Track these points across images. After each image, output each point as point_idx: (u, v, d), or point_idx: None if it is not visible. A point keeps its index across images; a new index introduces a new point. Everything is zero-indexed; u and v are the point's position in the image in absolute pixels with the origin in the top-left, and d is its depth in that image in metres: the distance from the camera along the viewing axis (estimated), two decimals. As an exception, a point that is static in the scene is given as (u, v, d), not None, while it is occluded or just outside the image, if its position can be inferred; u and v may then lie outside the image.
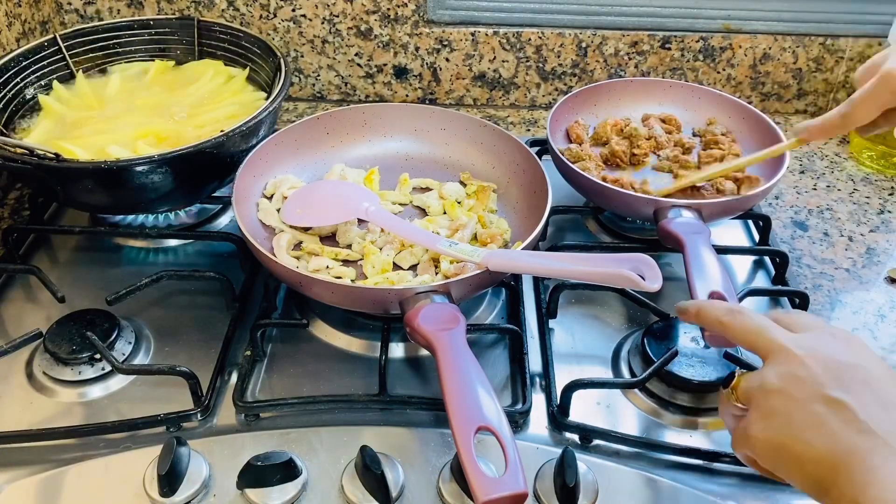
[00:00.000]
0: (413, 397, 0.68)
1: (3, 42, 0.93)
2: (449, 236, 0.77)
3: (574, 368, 0.72)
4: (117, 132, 0.84)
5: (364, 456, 0.58)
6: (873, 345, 0.77)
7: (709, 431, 0.67)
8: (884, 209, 0.96)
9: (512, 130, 1.09)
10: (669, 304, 0.78)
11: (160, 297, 0.78)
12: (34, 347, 0.71)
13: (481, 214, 0.81)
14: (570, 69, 1.11)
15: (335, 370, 0.71)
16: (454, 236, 0.77)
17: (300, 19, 1.07)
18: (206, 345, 0.73)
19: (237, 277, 0.78)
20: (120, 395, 0.69)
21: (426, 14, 1.06)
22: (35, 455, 0.63)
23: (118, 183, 0.74)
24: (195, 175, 0.79)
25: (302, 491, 0.59)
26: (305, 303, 0.78)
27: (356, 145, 0.91)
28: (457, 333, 0.61)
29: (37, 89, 0.91)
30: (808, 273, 0.86)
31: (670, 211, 0.77)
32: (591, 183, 0.82)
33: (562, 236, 0.89)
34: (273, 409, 0.67)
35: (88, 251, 0.86)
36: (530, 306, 0.78)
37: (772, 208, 0.95)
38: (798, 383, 0.48)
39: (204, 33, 0.97)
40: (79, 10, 1.08)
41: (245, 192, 0.79)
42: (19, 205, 0.93)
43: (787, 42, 1.07)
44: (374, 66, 1.11)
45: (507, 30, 1.07)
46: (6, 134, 0.85)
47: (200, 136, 0.82)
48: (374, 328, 0.74)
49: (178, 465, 0.58)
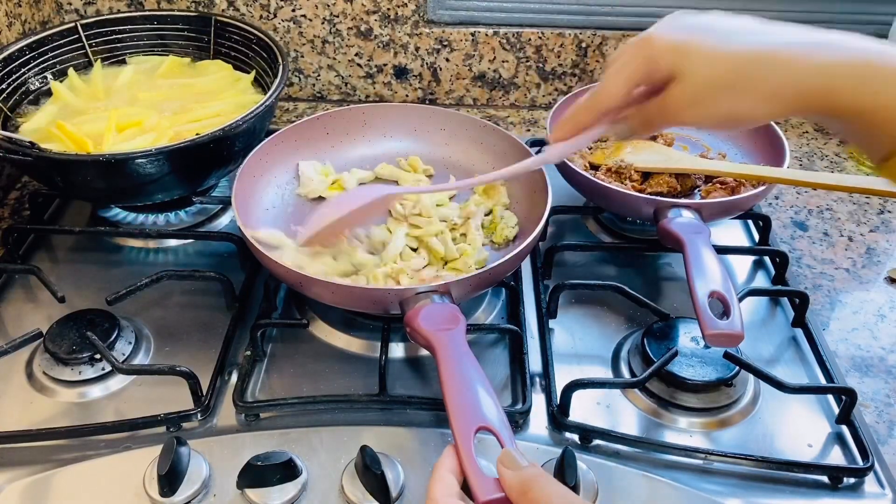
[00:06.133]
0: (413, 397, 0.68)
1: (3, 42, 0.93)
2: (458, 226, 0.79)
3: (574, 368, 0.72)
4: (103, 122, 0.85)
5: (364, 456, 0.58)
6: (873, 344, 0.77)
7: (709, 431, 0.67)
8: (884, 209, 0.96)
9: (512, 130, 1.09)
10: (669, 304, 0.78)
11: (160, 297, 0.78)
12: (34, 347, 0.71)
13: (494, 208, 0.82)
14: (570, 69, 1.11)
15: (335, 370, 0.71)
16: (465, 225, 0.79)
17: (300, 19, 1.07)
18: (206, 345, 0.73)
19: (237, 277, 0.78)
20: (120, 395, 0.69)
21: (426, 14, 1.06)
22: (35, 455, 0.63)
23: (116, 174, 0.76)
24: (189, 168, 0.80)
25: (302, 491, 0.59)
26: (305, 303, 0.78)
27: (356, 145, 0.91)
28: (457, 333, 0.61)
29: (54, 75, 0.93)
30: (808, 273, 0.86)
31: (670, 211, 0.77)
32: (591, 183, 0.82)
33: (562, 236, 0.89)
34: (273, 409, 0.67)
35: (88, 251, 0.86)
36: (530, 306, 0.78)
37: (772, 208, 0.95)
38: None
39: (220, 32, 0.97)
40: (79, 10, 1.08)
41: (245, 192, 0.79)
42: (19, 205, 0.93)
43: (787, 42, 1.07)
44: (374, 66, 1.11)
45: (507, 30, 1.07)
46: (11, 118, 0.87)
47: (181, 132, 0.83)
48: (374, 328, 0.74)
49: (178, 465, 0.58)
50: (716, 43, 0.53)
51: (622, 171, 0.86)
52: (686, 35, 0.54)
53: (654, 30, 0.55)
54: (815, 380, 0.72)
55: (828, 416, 0.68)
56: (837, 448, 0.66)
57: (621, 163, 0.86)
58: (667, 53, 0.54)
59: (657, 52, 0.54)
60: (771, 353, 0.75)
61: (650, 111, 0.57)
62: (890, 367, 0.74)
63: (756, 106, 0.53)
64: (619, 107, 0.58)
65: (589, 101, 0.58)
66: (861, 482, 0.63)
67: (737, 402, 0.68)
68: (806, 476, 0.63)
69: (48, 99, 0.91)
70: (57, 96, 0.91)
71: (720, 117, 0.54)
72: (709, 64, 0.53)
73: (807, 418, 0.68)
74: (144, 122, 0.85)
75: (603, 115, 0.58)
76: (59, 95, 0.90)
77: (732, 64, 0.52)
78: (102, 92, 0.92)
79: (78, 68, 0.95)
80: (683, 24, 0.55)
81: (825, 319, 0.80)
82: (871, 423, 0.69)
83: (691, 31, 0.54)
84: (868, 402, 0.71)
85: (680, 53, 0.53)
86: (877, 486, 0.63)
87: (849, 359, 0.75)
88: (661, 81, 0.55)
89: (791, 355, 0.75)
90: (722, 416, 0.68)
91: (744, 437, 0.66)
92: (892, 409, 0.70)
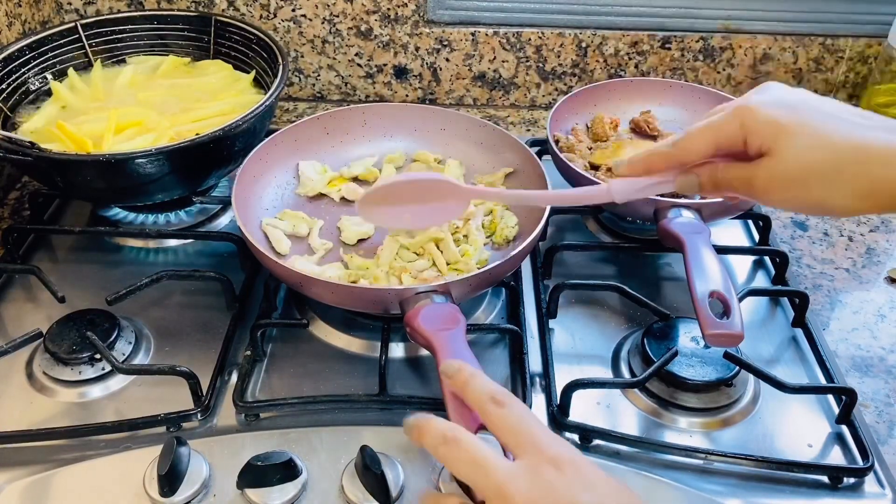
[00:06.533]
0: (413, 397, 0.68)
1: (3, 42, 0.93)
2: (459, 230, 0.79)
3: (574, 368, 0.72)
4: (103, 122, 0.85)
5: (364, 456, 0.58)
6: (873, 344, 0.77)
7: (709, 431, 0.67)
8: (884, 209, 0.96)
9: (512, 130, 1.09)
10: (670, 304, 0.78)
11: (160, 297, 0.78)
12: (34, 347, 0.71)
13: (494, 208, 0.82)
14: (570, 69, 1.11)
15: (335, 370, 0.71)
16: (465, 226, 0.79)
17: (300, 19, 1.07)
18: (206, 345, 0.73)
19: (237, 277, 0.78)
20: (120, 395, 0.69)
21: (426, 14, 1.06)
22: (35, 455, 0.63)
23: (116, 174, 0.76)
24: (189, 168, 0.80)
25: (302, 491, 0.59)
26: (305, 303, 0.78)
27: (356, 145, 0.91)
28: (457, 333, 0.61)
29: (54, 75, 0.93)
30: (808, 273, 0.86)
31: (670, 211, 0.77)
32: (591, 183, 0.82)
33: (562, 236, 0.89)
34: (273, 409, 0.67)
35: (88, 251, 0.85)
36: (530, 306, 0.78)
37: (772, 208, 0.95)
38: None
39: (220, 32, 0.97)
40: (79, 10, 1.08)
41: (245, 193, 0.79)
42: (19, 205, 0.93)
43: (787, 42, 1.07)
44: (374, 66, 1.11)
45: (507, 30, 1.07)
46: (11, 118, 0.87)
47: (181, 132, 0.83)
48: (374, 328, 0.74)
49: (178, 465, 0.58)
50: (817, 127, 0.51)
51: None
52: (788, 113, 0.52)
53: (756, 99, 0.54)
54: (815, 380, 0.72)
55: (828, 416, 0.68)
56: (837, 448, 0.66)
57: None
58: (767, 128, 0.52)
59: (758, 124, 0.52)
60: (771, 353, 0.75)
61: (731, 176, 0.55)
62: (890, 367, 0.75)
63: (848, 200, 0.51)
64: (697, 162, 0.57)
65: (669, 149, 0.57)
66: (861, 482, 0.63)
67: (737, 402, 0.68)
68: (806, 476, 0.63)
69: (48, 99, 0.91)
70: (57, 96, 0.91)
71: (808, 204, 0.53)
72: (808, 149, 0.51)
73: (807, 418, 0.68)
74: (144, 122, 0.85)
75: (678, 165, 0.57)
76: (59, 95, 0.90)
77: (832, 153, 0.50)
78: (102, 92, 0.92)
79: (78, 68, 0.95)
80: (785, 100, 0.53)
81: (825, 319, 0.80)
82: (871, 423, 0.69)
83: (794, 110, 0.52)
84: (868, 402, 0.71)
85: (780, 132, 0.52)
86: (877, 486, 0.63)
87: (849, 359, 0.75)
88: (752, 154, 0.53)
89: (791, 355, 0.75)
90: (722, 416, 0.68)
91: (744, 437, 0.66)
92: (892, 409, 0.70)
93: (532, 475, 0.46)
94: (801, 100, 0.53)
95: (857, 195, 0.51)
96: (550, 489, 0.45)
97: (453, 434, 0.49)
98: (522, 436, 0.48)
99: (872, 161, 0.49)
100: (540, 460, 0.46)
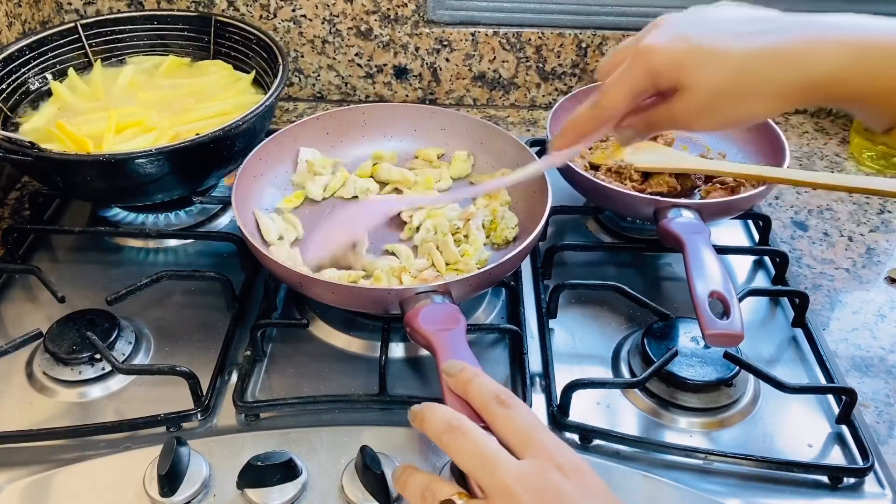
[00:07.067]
0: (413, 397, 0.67)
1: (3, 42, 0.93)
2: (459, 230, 0.79)
3: (574, 368, 0.72)
4: (103, 122, 0.85)
5: (364, 456, 0.58)
6: (873, 344, 0.77)
7: (709, 431, 0.67)
8: (884, 209, 0.96)
9: (512, 130, 1.09)
10: (670, 304, 0.78)
11: (160, 297, 0.78)
12: (34, 347, 0.71)
13: (495, 208, 0.82)
14: (570, 69, 1.11)
15: (335, 370, 0.71)
16: (465, 226, 0.79)
17: (300, 19, 1.07)
18: (206, 345, 0.73)
19: (237, 277, 0.78)
20: (120, 395, 0.69)
21: (426, 14, 1.06)
22: (35, 455, 0.63)
23: (116, 174, 0.76)
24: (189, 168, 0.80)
25: (302, 491, 0.59)
26: (305, 303, 0.78)
27: (356, 145, 0.91)
28: (457, 333, 0.61)
29: (54, 75, 0.93)
30: (808, 273, 0.86)
31: (670, 211, 0.77)
32: (591, 183, 0.82)
33: (562, 236, 0.89)
34: (273, 409, 0.67)
35: (88, 251, 0.85)
36: (530, 306, 0.78)
37: (772, 208, 0.95)
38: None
39: (220, 32, 0.97)
40: (79, 10, 1.08)
41: (245, 192, 0.79)
42: (19, 205, 0.93)
43: (787, 42, 1.07)
44: (374, 66, 1.11)
45: (507, 30, 1.07)
46: (11, 118, 0.87)
47: (181, 132, 0.83)
48: (374, 328, 0.74)
49: (178, 465, 0.58)
50: (715, 46, 0.53)
51: (622, 171, 0.86)
52: (684, 44, 0.54)
53: (652, 40, 0.55)
54: (815, 380, 0.72)
55: (828, 416, 0.68)
56: (837, 448, 0.66)
57: (621, 163, 0.86)
58: (668, 66, 0.54)
59: (658, 65, 0.54)
60: (771, 353, 0.75)
61: (656, 118, 0.57)
62: (890, 367, 0.75)
63: (762, 106, 0.53)
64: (621, 116, 0.58)
65: (591, 110, 0.58)
66: (861, 482, 0.63)
67: (737, 402, 0.68)
68: (806, 476, 0.63)
69: (48, 99, 0.91)
70: (57, 96, 0.91)
71: (728, 121, 0.55)
72: (712, 73, 0.53)
73: (807, 418, 0.68)
74: (144, 122, 0.85)
75: (605, 123, 0.58)
76: (59, 95, 0.90)
77: (735, 69, 0.52)
78: (102, 92, 0.92)
79: (78, 68, 0.95)
80: (680, 31, 0.55)
81: (825, 319, 0.80)
82: (871, 423, 0.69)
83: (689, 38, 0.53)
84: (868, 402, 0.71)
85: (682, 66, 0.53)
86: (877, 486, 0.63)
87: (849, 359, 0.75)
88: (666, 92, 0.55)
89: (791, 355, 0.75)
90: (722, 416, 0.68)
91: (744, 437, 0.66)
92: (892, 409, 0.70)
93: (539, 477, 0.45)
94: (693, 23, 0.55)
95: (769, 98, 0.53)
96: (557, 493, 0.45)
97: (458, 423, 0.49)
98: (529, 438, 0.48)
99: (776, 63, 0.51)
100: (547, 464, 0.46)
